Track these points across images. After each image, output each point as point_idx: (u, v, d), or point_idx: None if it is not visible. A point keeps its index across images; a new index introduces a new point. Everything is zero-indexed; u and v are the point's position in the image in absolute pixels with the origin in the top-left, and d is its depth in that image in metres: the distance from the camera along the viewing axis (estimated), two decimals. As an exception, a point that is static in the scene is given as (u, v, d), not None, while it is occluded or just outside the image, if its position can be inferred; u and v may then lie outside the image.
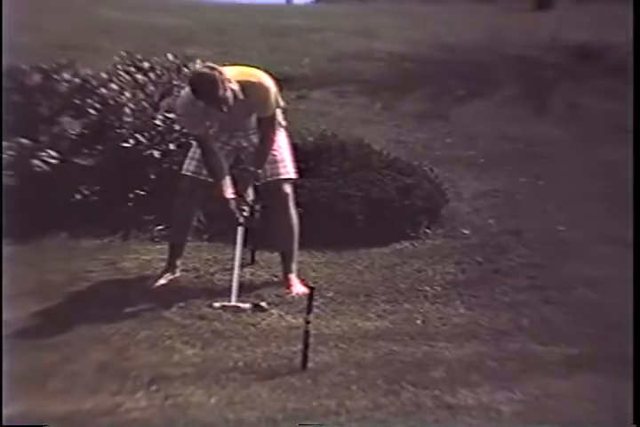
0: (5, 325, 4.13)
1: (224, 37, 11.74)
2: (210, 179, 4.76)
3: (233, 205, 4.72)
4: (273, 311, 4.52)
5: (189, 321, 4.35)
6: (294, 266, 4.96)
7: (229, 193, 4.72)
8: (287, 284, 4.88)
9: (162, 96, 6.31)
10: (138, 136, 6.01)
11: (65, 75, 6.44)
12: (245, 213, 4.75)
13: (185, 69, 6.45)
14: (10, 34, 7.89)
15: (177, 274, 5.01)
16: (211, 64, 4.57)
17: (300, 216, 4.96)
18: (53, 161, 5.93)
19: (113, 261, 5.33)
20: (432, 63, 10.65)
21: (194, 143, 4.94)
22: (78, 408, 3.34)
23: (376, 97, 9.29)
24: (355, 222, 5.72)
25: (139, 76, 6.44)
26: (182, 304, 4.56)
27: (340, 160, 6.11)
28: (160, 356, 3.91)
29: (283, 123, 4.97)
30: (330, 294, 4.82)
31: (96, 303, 4.62)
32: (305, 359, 3.76)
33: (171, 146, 6.04)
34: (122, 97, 6.21)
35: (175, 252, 5.04)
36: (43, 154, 5.91)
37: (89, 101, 6.24)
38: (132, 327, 4.24)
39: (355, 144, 6.48)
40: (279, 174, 4.86)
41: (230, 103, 4.49)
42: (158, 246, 5.57)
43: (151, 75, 6.47)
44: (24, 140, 5.96)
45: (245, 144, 4.95)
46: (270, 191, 4.89)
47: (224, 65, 4.66)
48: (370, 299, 4.81)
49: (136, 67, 6.58)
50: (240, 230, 4.74)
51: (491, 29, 12.30)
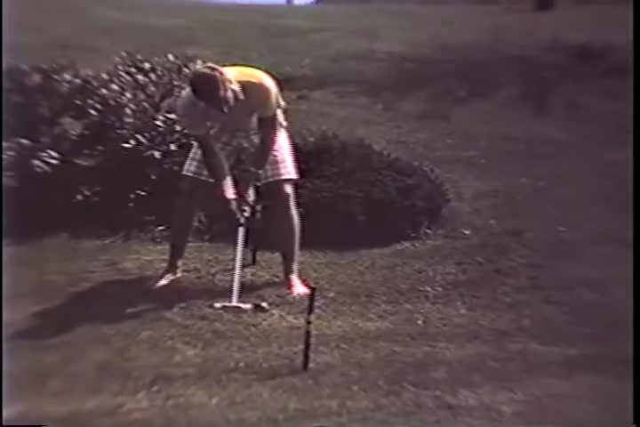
0: (7, 325, 4.13)
1: (225, 38, 11.75)
2: (211, 179, 4.76)
3: (234, 206, 4.71)
4: (274, 312, 4.52)
5: (190, 322, 4.34)
6: (295, 266, 4.96)
7: (230, 194, 4.71)
8: (288, 284, 4.88)
9: (162, 97, 6.31)
10: (139, 137, 6.01)
11: (65, 75, 6.44)
12: (246, 214, 4.74)
13: (186, 70, 6.45)
14: (10, 34, 7.89)
15: (178, 274, 5.01)
16: (211, 65, 4.56)
17: (301, 217, 4.96)
18: (54, 162, 5.93)
19: (114, 261, 5.33)
20: (433, 63, 10.65)
21: (194, 144, 4.94)
22: (79, 409, 3.34)
23: (377, 97, 9.29)
24: (356, 223, 5.72)
25: (139, 76, 6.44)
26: (183, 305, 4.56)
27: (341, 161, 6.11)
28: (161, 356, 3.91)
29: (283, 123, 4.97)
30: (331, 295, 4.82)
31: (97, 304, 4.62)
32: (306, 360, 3.76)
33: (171, 146, 6.04)
34: (122, 98, 6.21)
35: (176, 252, 5.04)
36: (43, 154, 5.91)
37: (90, 102, 6.24)
38: (134, 328, 4.24)
39: (355, 145, 6.48)
40: (280, 175, 4.86)
41: (231, 104, 4.48)
42: (159, 247, 5.57)
43: (152, 75, 6.47)
44: (25, 140, 5.96)
45: (246, 145, 4.94)
46: (271, 192, 4.89)
47: (225, 65, 4.66)
48: (371, 299, 4.81)
49: (137, 67, 6.58)
50: (241, 231, 4.73)
51: (491, 30, 12.31)
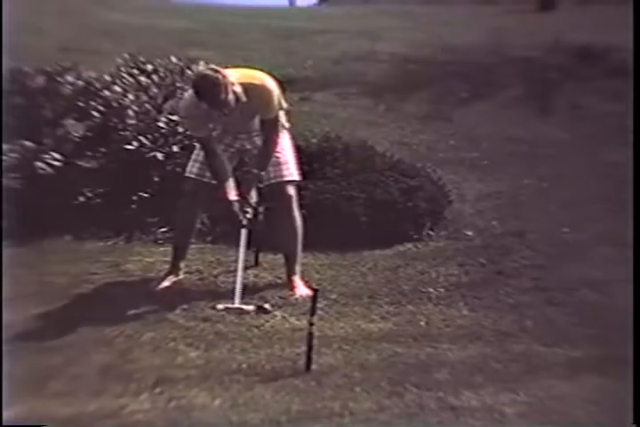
0: (9, 327, 4.13)
1: (227, 39, 11.77)
2: (213, 181, 4.76)
3: (236, 208, 4.71)
4: (276, 313, 4.52)
5: (193, 323, 4.34)
6: (298, 268, 4.96)
7: (233, 195, 4.71)
8: (291, 286, 4.87)
9: (165, 98, 6.32)
10: (141, 138, 6.02)
11: (68, 77, 6.45)
12: (249, 216, 4.74)
13: (188, 72, 6.46)
14: (13, 36, 7.90)
15: (180, 276, 5.01)
16: (214, 66, 4.56)
17: (304, 218, 4.96)
18: (57, 163, 5.93)
19: (116, 263, 5.33)
20: (435, 65, 10.66)
21: (197, 145, 4.94)
22: (82, 411, 3.34)
23: (379, 99, 9.30)
24: (358, 224, 5.72)
25: (142, 78, 6.44)
26: (186, 306, 4.56)
27: (344, 162, 6.10)
28: (164, 358, 3.91)
29: (286, 125, 4.97)
30: (333, 296, 4.82)
31: (99, 305, 4.62)
32: (309, 361, 3.76)
33: (174, 148, 6.04)
34: (125, 99, 6.22)
35: (179, 254, 5.04)
36: (46, 156, 5.92)
37: (92, 104, 6.25)
38: (136, 329, 4.24)
39: (358, 146, 6.48)
40: (283, 176, 4.85)
41: (232, 106, 4.48)
42: (162, 249, 5.57)
43: (154, 77, 6.48)
44: (28, 142, 5.96)
45: (249, 146, 4.94)
46: (274, 193, 4.89)
47: (227, 67, 4.66)
48: (373, 301, 4.80)
49: (139, 69, 6.59)
50: (243, 232, 4.73)
51: (494, 31, 12.30)
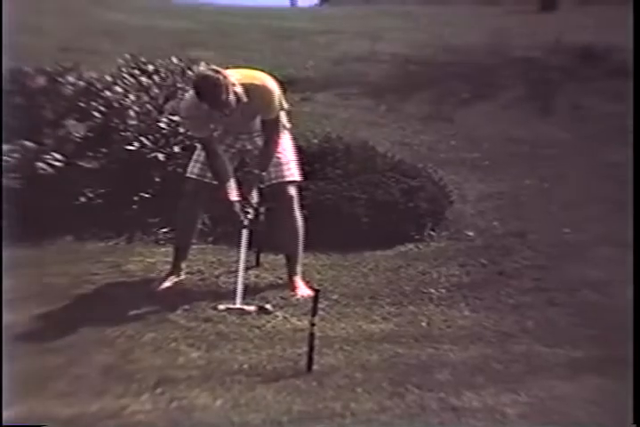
0: (10, 327, 4.13)
1: (228, 40, 11.77)
2: (214, 181, 4.76)
3: (237, 208, 4.71)
4: (278, 314, 4.52)
5: (194, 324, 4.34)
6: (299, 268, 4.96)
7: (234, 196, 4.71)
8: (292, 286, 4.87)
9: (166, 99, 6.32)
10: (142, 139, 6.02)
11: (69, 78, 6.46)
12: (250, 216, 4.74)
13: (189, 72, 6.46)
14: (14, 36, 7.91)
15: (182, 277, 5.01)
16: (215, 67, 4.56)
17: (305, 218, 4.96)
18: (58, 164, 5.94)
19: (118, 263, 5.33)
20: (436, 65, 10.66)
21: (198, 146, 4.93)
22: (83, 411, 3.34)
23: (380, 99, 9.30)
24: (359, 225, 5.72)
25: (143, 78, 6.44)
26: (187, 307, 4.56)
27: (345, 163, 6.10)
28: (165, 358, 3.91)
29: (287, 125, 4.97)
30: (335, 297, 4.81)
31: (101, 306, 4.62)
32: (310, 362, 3.75)
33: (175, 149, 6.04)
34: (126, 100, 6.22)
35: (180, 254, 5.04)
36: (47, 157, 5.92)
37: (93, 104, 6.25)
38: (137, 330, 4.24)
39: (359, 146, 6.48)
40: (284, 177, 4.85)
41: (233, 107, 4.48)
42: (163, 249, 5.57)
43: (155, 77, 6.48)
44: (29, 142, 5.97)
45: (250, 147, 4.94)
46: (275, 194, 4.89)
47: (228, 68, 4.67)
48: (375, 301, 4.80)
49: (140, 69, 6.59)
50: (244, 233, 4.73)
51: (495, 31, 12.28)
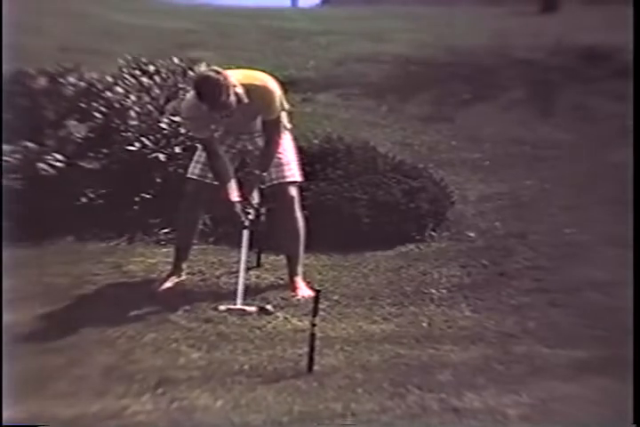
0: (12, 327, 4.14)
1: (229, 40, 11.78)
2: (215, 182, 4.76)
3: (238, 209, 4.71)
4: (279, 314, 4.51)
5: (195, 324, 4.34)
6: (300, 269, 4.96)
7: (235, 196, 4.71)
8: (293, 287, 4.87)
9: (167, 99, 6.32)
10: (143, 139, 6.02)
11: (70, 78, 6.47)
12: (251, 216, 4.74)
13: (190, 73, 6.45)
14: (16, 37, 7.91)
15: (182, 277, 5.01)
16: (216, 68, 4.56)
17: (306, 219, 4.96)
18: (59, 164, 5.94)
19: (119, 264, 5.33)
20: (437, 66, 10.66)
21: (199, 147, 4.94)
22: (84, 411, 3.34)
23: (381, 100, 9.30)
24: (360, 225, 5.71)
25: (144, 79, 6.44)
26: (188, 307, 4.56)
27: (346, 163, 6.10)
28: (166, 359, 3.91)
29: (288, 126, 4.97)
30: (335, 297, 4.81)
31: (102, 306, 4.62)
32: (311, 362, 3.75)
33: (176, 149, 6.04)
34: (127, 100, 6.22)
35: (181, 255, 5.04)
36: (49, 157, 5.93)
37: (94, 105, 6.26)
38: (138, 330, 4.24)
39: (360, 147, 6.47)
40: (284, 177, 4.85)
41: (233, 108, 4.48)
42: (164, 249, 5.57)
43: (156, 78, 6.48)
44: (30, 143, 5.97)
45: (251, 147, 4.94)
46: (276, 194, 4.89)
47: (229, 68, 4.67)
48: (375, 302, 4.80)
49: (141, 70, 6.59)
50: (245, 233, 4.73)
51: (496, 32, 12.31)
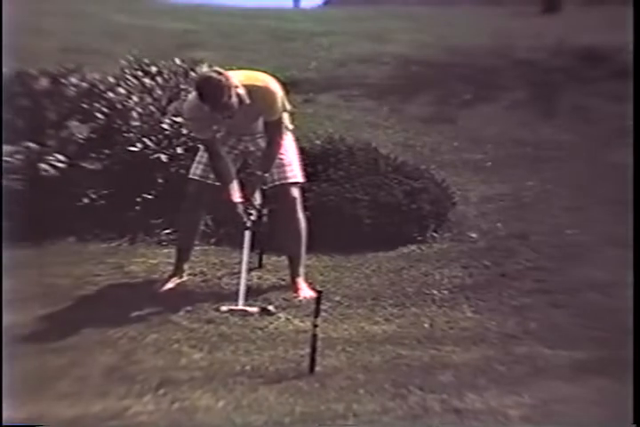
0: (13, 328, 4.14)
1: (231, 41, 11.78)
2: (217, 183, 4.76)
3: (240, 209, 4.71)
4: (280, 315, 4.51)
5: (197, 325, 4.34)
6: (302, 270, 4.96)
7: (237, 197, 4.71)
8: (294, 287, 4.87)
9: (169, 100, 6.32)
10: (145, 140, 6.02)
11: (72, 79, 6.47)
12: (253, 217, 4.74)
13: (192, 73, 6.45)
14: (17, 38, 7.91)
15: (184, 278, 5.01)
16: (218, 69, 4.57)
17: (308, 220, 4.96)
18: (61, 165, 5.95)
19: (120, 264, 5.33)
20: (439, 66, 10.66)
21: (201, 147, 4.94)
22: (86, 412, 3.34)
23: (383, 101, 9.30)
24: (362, 226, 5.71)
25: (146, 80, 6.45)
26: (189, 308, 4.56)
27: (348, 164, 6.10)
28: (167, 360, 3.90)
29: (289, 126, 4.97)
30: (337, 298, 4.81)
31: (103, 307, 4.62)
32: (312, 363, 3.75)
33: (178, 150, 6.04)
34: (129, 101, 6.23)
35: (182, 256, 5.04)
36: (50, 158, 5.94)
37: (96, 106, 6.26)
38: (140, 331, 4.24)
39: (362, 148, 6.46)
40: (286, 178, 4.85)
41: (234, 109, 4.48)
42: (165, 250, 5.58)
43: (158, 79, 6.48)
44: (32, 144, 5.98)
45: (252, 148, 4.95)
46: (278, 195, 4.89)
47: (231, 69, 4.67)
48: (377, 303, 4.79)
49: (143, 71, 6.59)
50: (247, 234, 4.73)
51: (498, 33, 12.31)
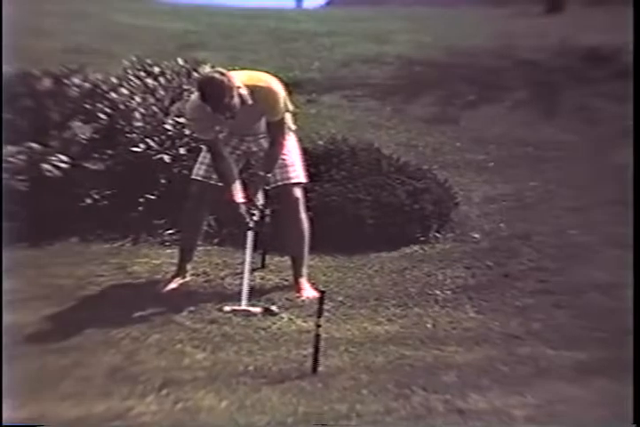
0: (16, 328, 4.14)
1: (234, 42, 11.79)
2: (220, 183, 4.76)
3: (243, 210, 4.71)
4: (283, 315, 4.51)
5: (200, 325, 4.34)
6: (304, 270, 4.96)
7: (239, 197, 4.71)
8: (297, 288, 4.87)
9: (172, 101, 6.32)
10: (148, 141, 6.02)
11: (75, 80, 6.47)
12: (255, 218, 4.74)
13: (195, 74, 6.45)
14: (20, 39, 7.92)
15: (187, 278, 5.01)
16: (220, 69, 4.57)
17: (311, 220, 4.96)
18: (64, 165, 5.95)
19: (123, 265, 5.34)
20: (442, 67, 10.65)
21: (204, 148, 4.94)
22: (89, 412, 3.34)
23: (386, 101, 9.30)
24: (365, 227, 5.72)
25: (149, 80, 6.45)
26: (192, 308, 4.56)
27: (350, 164, 6.09)
28: (170, 360, 3.90)
29: (292, 127, 4.97)
30: (340, 298, 4.81)
31: (106, 307, 4.62)
32: (315, 363, 3.75)
33: (181, 150, 6.04)
34: (132, 102, 6.23)
35: (185, 256, 5.04)
36: (53, 158, 5.94)
37: (99, 106, 6.26)
38: (143, 331, 4.24)
39: (365, 148, 6.46)
40: (289, 178, 4.85)
41: (236, 109, 4.48)
42: (168, 251, 5.58)
43: (161, 79, 6.48)
44: (35, 144, 5.98)
45: (255, 149, 4.95)
46: (280, 195, 4.89)
47: (233, 69, 4.67)
48: (380, 303, 4.79)
49: (146, 71, 6.59)
50: (250, 234, 4.73)
51: (501, 33, 12.30)
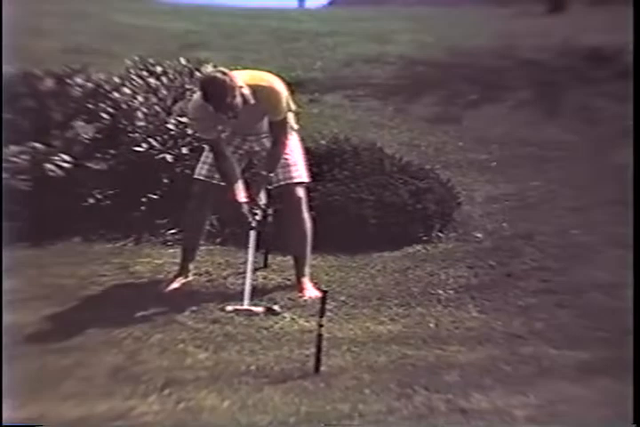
0: (17, 328, 4.15)
1: (236, 42, 11.79)
2: (222, 183, 4.76)
3: (245, 209, 4.71)
4: (285, 315, 4.51)
5: (202, 325, 4.34)
6: (307, 269, 4.96)
7: (242, 197, 4.71)
8: (300, 287, 4.87)
9: (174, 100, 6.33)
10: (150, 140, 6.03)
11: (78, 79, 6.47)
12: (258, 217, 4.74)
13: (197, 73, 6.46)
14: (22, 39, 7.93)
15: (189, 278, 5.01)
16: (222, 69, 4.57)
17: (313, 220, 4.95)
18: (67, 165, 5.95)
19: (125, 265, 5.34)
20: (444, 67, 10.65)
21: (206, 147, 4.94)
22: (91, 412, 3.35)
23: (388, 101, 9.30)
24: (367, 226, 5.71)
25: (151, 80, 6.45)
26: (195, 308, 4.56)
27: (353, 164, 6.10)
28: (172, 360, 3.91)
29: (294, 126, 4.97)
30: (342, 298, 4.81)
31: (108, 307, 4.62)
32: (318, 363, 3.75)
33: (183, 150, 6.04)
34: (134, 101, 6.23)
35: (188, 255, 5.05)
36: (56, 158, 5.94)
37: (102, 106, 6.27)
38: (145, 331, 4.24)
39: (367, 148, 6.47)
40: (291, 178, 4.85)
41: (238, 109, 4.48)
42: (171, 250, 5.59)
43: (164, 79, 6.49)
44: (37, 144, 5.98)
45: (257, 148, 4.95)
46: (283, 195, 4.89)
47: (235, 69, 4.67)
48: (382, 302, 4.79)
49: (148, 71, 6.60)
50: (252, 234, 4.73)
51: (503, 33, 12.29)
